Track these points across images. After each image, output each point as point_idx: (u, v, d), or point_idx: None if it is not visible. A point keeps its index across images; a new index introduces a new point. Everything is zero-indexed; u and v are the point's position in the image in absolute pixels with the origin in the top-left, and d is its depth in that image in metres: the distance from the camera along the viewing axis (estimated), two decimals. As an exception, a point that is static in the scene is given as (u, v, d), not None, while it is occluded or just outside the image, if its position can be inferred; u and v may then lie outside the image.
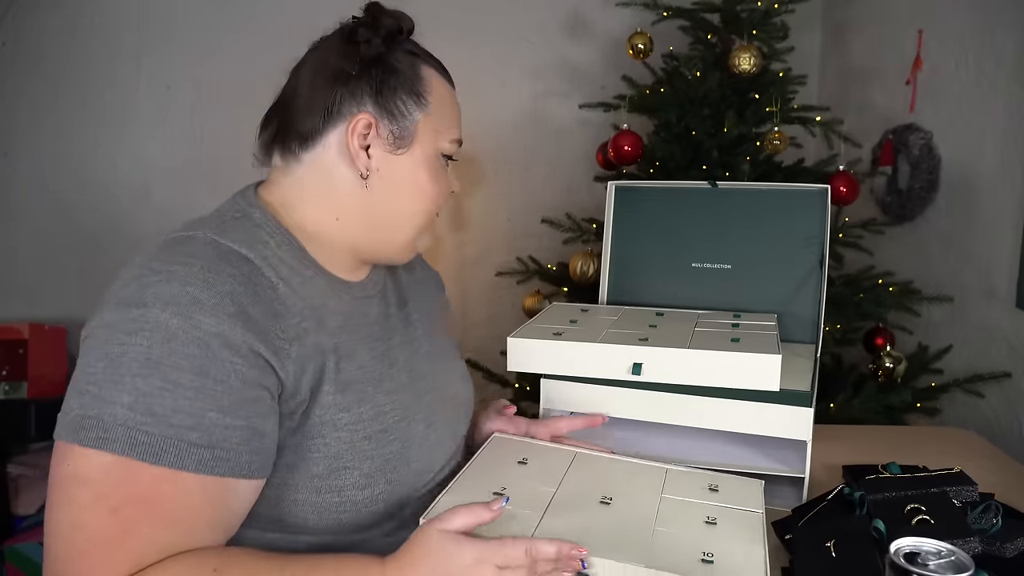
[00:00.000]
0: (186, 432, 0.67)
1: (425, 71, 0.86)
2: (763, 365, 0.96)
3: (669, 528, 0.78)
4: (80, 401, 0.67)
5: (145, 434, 0.65)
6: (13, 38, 2.33)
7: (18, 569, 1.91)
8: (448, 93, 0.89)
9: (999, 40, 1.67)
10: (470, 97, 2.26)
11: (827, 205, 1.19)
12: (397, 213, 0.85)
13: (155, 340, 0.67)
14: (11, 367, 2.12)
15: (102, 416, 0.65)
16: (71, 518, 0.65)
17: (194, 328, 0.68)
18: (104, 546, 0.64)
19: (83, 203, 2.42)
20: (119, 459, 0.65)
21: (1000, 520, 0.85)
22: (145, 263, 0.72)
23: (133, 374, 0.66)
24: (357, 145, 0.81)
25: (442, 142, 0.87)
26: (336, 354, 0.80)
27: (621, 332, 1.07)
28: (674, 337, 1.04)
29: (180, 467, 0.66)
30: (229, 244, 0.76)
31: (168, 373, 0.67)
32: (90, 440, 0.65)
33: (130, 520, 0.65)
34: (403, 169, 0.84)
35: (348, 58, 0.81)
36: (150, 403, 0.66)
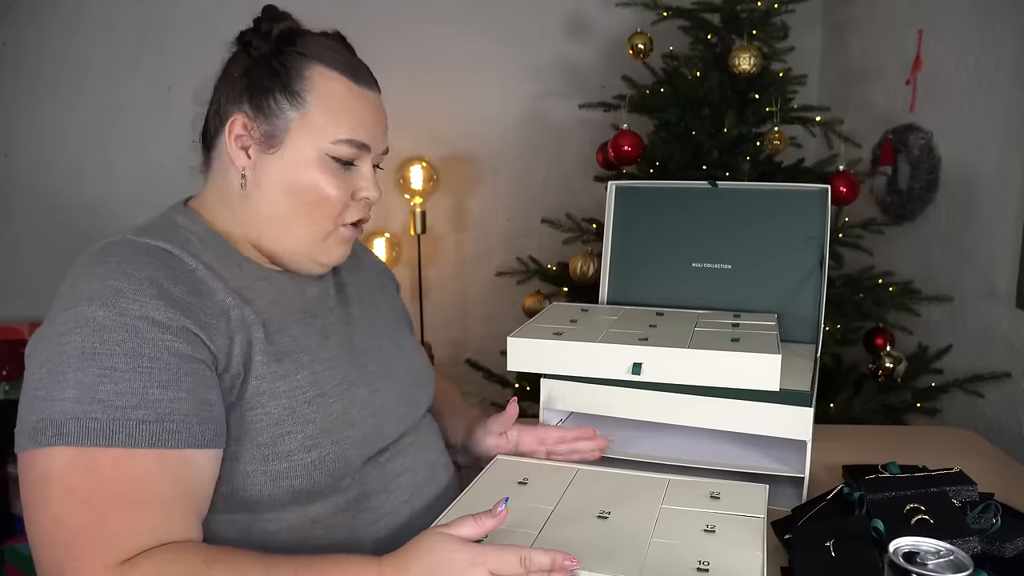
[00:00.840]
0: (132, 411, 0.69)
1: (313, 71, 0.83)
2: (763, 365, 0.96)
3: (666, 539, 0.78)
4: (31, 408, 0.69)
5: (94, 420, 0.68)
6: (13, 38, 2.33)
7: (18, 569, 1.91)
8: (345, 92, 0.84)
9: (999, 40, 1.67)
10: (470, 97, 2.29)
11: (827, 205, 1.19)
12: (277, 215, 0.84)
13: (86, 333, 0.70)
14: (11, 367, 2.12)
15: (52, 415, 0.68)
16: (49, 515, 0.66)
17: (120, 315, 0.71)
18: (85, 537, 0.65)
19: (83, 203, 2.42)
20: (77, 450, 0.67)
21: (1000, 520, 0.85)
22: (72, 274, 0.76)
23: (73, 369, 0.69)
24: (236, 145, 0.83)
25: (323, 142, 0.83)
26: (265, 327, 0.81)
27: (621, 332, 1.07)
28: (674, 337, 1.04)
29: (133, 445, 0.68)
30: (146, 240, 0.79)
31: (104, 360, 0.70)
32: (47, 440, 0.67)
33: (101, 508, 0.66)
34: (276, 169, 0.83)
35: (238, 62, 0.85)
36: (93, 392, 0.68)
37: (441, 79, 2.50)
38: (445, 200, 2.63)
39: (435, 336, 2.57)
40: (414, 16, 2.45)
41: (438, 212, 2.60)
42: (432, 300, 2.63)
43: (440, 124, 2.53)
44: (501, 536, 0.78)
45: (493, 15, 2.52)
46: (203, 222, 0.85)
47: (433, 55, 2.48)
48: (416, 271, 2.51)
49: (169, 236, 0.81)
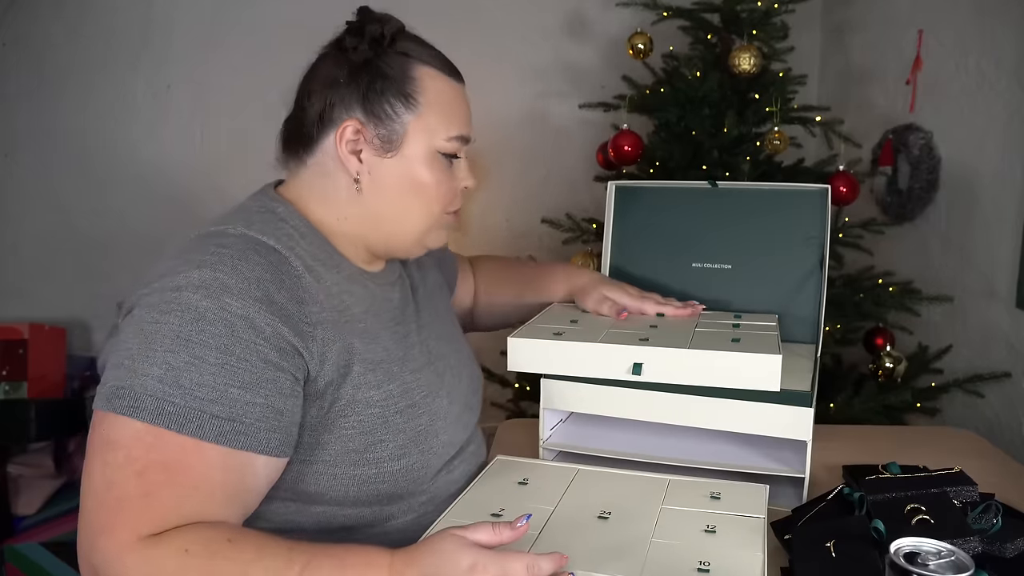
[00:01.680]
0: (208, 404, 0.71)
1: (419, 71, 0.87)
2: (764, 365, 0.95)
3: (666, 539, 0.78)
4: (116, 373, 0.72)
5: (172, 404, 0.70)
6: (13, 38, 2.33)
7: (18, 569, 1.90)
8: (449, 90, 0.89)
9: (999, 40, 1.67)
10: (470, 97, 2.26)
11: (827, 205, 1.19)
12: (394, 213, 0.88)
13: (186, 319, 0.72)
14: (11, 367, 2.12)
15: (134, 387, 0.70)
16: (105, 477, 0.69)
17: (222, 310, 0.73)
18: (129, 504, 0.67)
19: (83, 203, 2.42)
20: (147, 426, 0.69)
21: (1000, 520, 0.85)
22: (183, 254, 0.78)
23: (164, 349, 0.71)
24: (347, 150, 0.85)
25: (437, 140, 0.87)
26: (361, 338, 0.84)
27: (621, 332, 1.06)
28: (674, 337, 1.04)
29: (201, 437, 0.70)
30: (257, 236, 0.80)
31: (195, 350, 0.72)
32: (122, 408, 0.69)
33: (153, 484, 0.68)
34: (394, 171, 0.86)
35: (339, 65, 0.85)
36: (178, 376, 0.71)
37: (441, 79, 2.50)
38: (445, 200, 2.62)
39: (435, 336, 2.57)
40: (414, 16, 2.44)
41: (438, 212, 2.60)
42: (432, 300, 2.63)
43: (440, 124, 2.52)
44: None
45: (493, 15, 2.52)
46: (302, 216, 0.87)
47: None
48: (416, 271, 2.51)
49: (276, 232, 0.82)
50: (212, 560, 0.66)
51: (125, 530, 0.67)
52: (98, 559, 0.67)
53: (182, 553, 0.66)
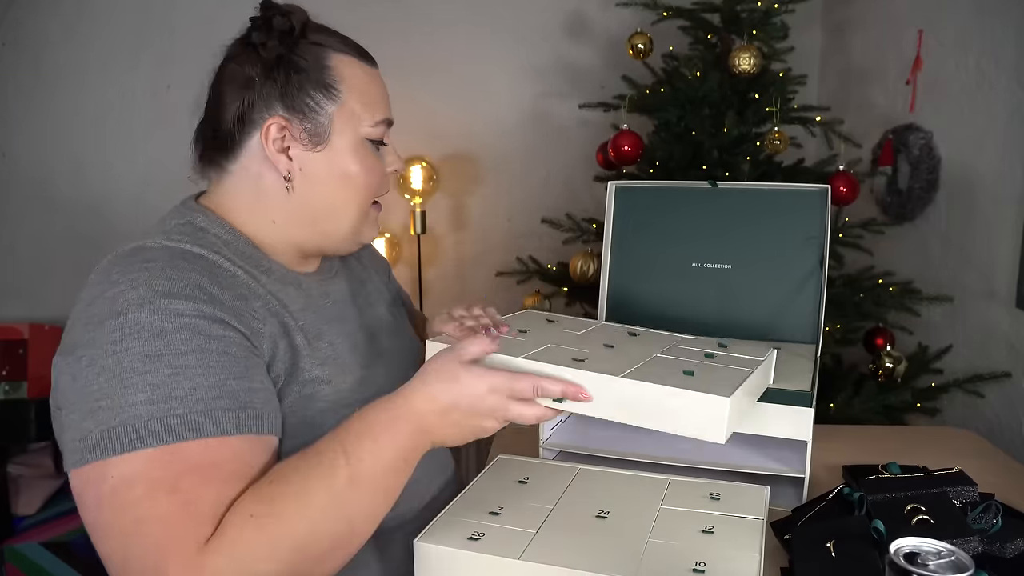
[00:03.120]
0: (214, 401, 0.68)
1: (334, 60, 0.83)
2: (707, 408, 0.73)
3: (663, 539, 0.78)
4: (95, 419, 0.66)
5: (177, 417, 0.66)
6: (13, 38, 2.33)
7: (18, 569, 1.90)
8: (365, 76, 0.86)
9: (999, 40, 1.67)
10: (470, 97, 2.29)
11: (827, 205, 1.19)
12: (330, 207, 0.86)
13: (144, 338, 0.68)
14: (11, 367, 2.12)
15: (126, 421, 0.66)
16: (131, 517, 0.64)
17: (177, 317, 0.70)
18: (175, 524, 0.63)
19: (82, 203, 2.42)
20: (159, 449, 0.65)
21: (1000, 520, 0.85)
22: (103, 278, 0.74)
23: (139, 373, 0.67)
24: (274, 149, 0.82)
25: (363, 127, 0.85)
26: (305, 335, 0.82)
27: (563, 348, 0.86)
28: (617, 363, 0.81)
29: (222, 433, 0.68)
30: (180, 246, 0.78)
31: (171, 360, 0.68)
32: (123, 446, 0.65)
33: (190, 490, 0.65)
34: (325, 164, 0.84)
35: (250, 63, 0.82)
36: (168, 391, 0.67)
37: (441, 79, 2.50)
38: (445, 200, 2.63)
39: (435, 336, 2.57)
40: (414, 16, 2.45)
41: (438, 212, 2.60)
42: (432, 300, 2.63)
43: (440, 124, 2.53)
44: (501, 534, 0.78)
45: (493, 15, 2.52)
46: (226, 223, 0.84)
47: (433, 55, 2.48)
48: (416, 271, 2.51)
49: (198, 240, 0.80)
50: (275, 505, 0.66)
51: (185, 547, 0.63)
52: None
53: (248, 520, 0.65)
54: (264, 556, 0.64)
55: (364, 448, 0.70)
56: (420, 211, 2.39)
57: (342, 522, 0.69)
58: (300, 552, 0.66)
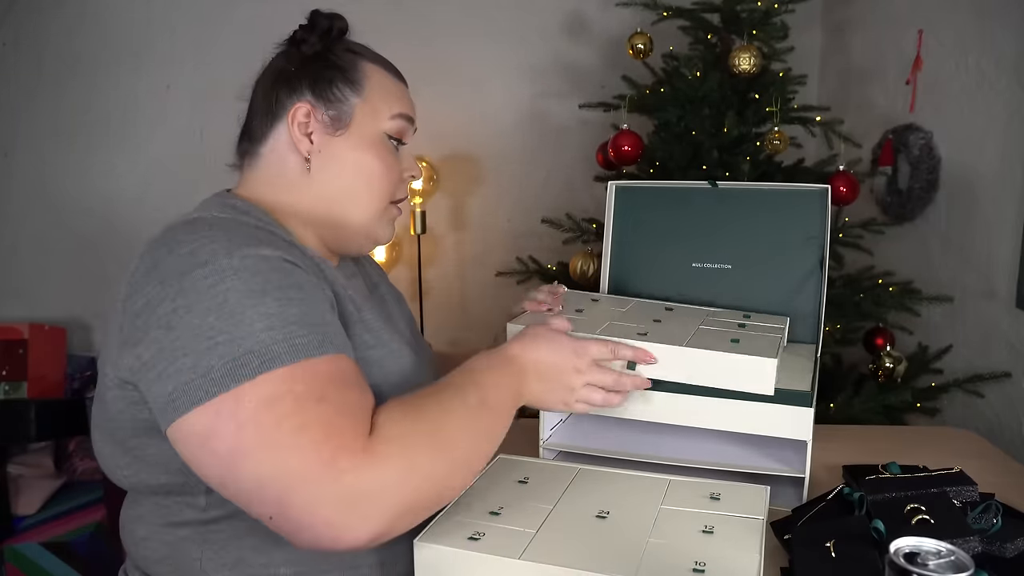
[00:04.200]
0: (325, 327, 0.72)
1: (364, 65, 0.90)
2: (757, 368, 0.95)
3: (663, 539, 0.78)
4: (215, 353, 0.66)
5: (300, 338, 0.69)
6: (13, 38, 2.33)
7: (18, 569, 1.90)
8: (390, 82, 0.93)
9: (999, 40, 1.67)
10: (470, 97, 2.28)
11: (827, 205, 1.19)
12: (344, 194, 0.89)
13: (243, 277, 0.69)
14: (11, 367, 2.13)
15: (251, 348, 0.66)
16: (288, 428, 0.64)
17: (265, 260, 0.72)
18: (335, 424, 0.65)
19: (83, 203, 2.43)
20: (292, 366, 0.67)
21: (1000, 520, 0.85)
22: (161, 246, 0.73)
23: (249, 306, 0.68)
24: (298, 132, 0.87)
25: (382, 122, 0.90)
26: (353, 303, 0.85)
27: (623, 325, 1.06)
28: (675, 334, 1.03)
29: (339, 351, 0.72)
30: (240, 218, 0.82)
31: (276, 294, 0.70)
32: (255, 370, 0.65)
33: (337, 396, 0.67)
34: (344, 149, 0.88)
35: (290, 59, 0.89)
36: (284, 317, 0.69)
37: (441, 79, 2.50)
38: (445, 200, 2.63)
39: (435, 336, 2.57)
40: (413, 17, 2.45)
41: (438, 212, 2.60)
42: (432, 300, 2.63)
43: (440, 124, 2.53)
44: (501, 534, 0.78)
45: (493, 15, 2.52)
46: (261, 210, 0.86)
47: (433, 55, 2.48)
48: (416, 271, 2.51)
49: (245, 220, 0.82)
50: (421, 411, 0.72)
51: (352, 441, 0.64)
52: (334, 471, 0.62)
53: (402, 418, 0.70)
54: (422, 445, 0.69)
55: (489, 380, 0.81)
56: (420, 211, 2.39)
57: (472, 436, 0.75)
58: (445, 451, 0.71)
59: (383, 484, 0.64)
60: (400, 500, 0.66)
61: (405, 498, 0.66)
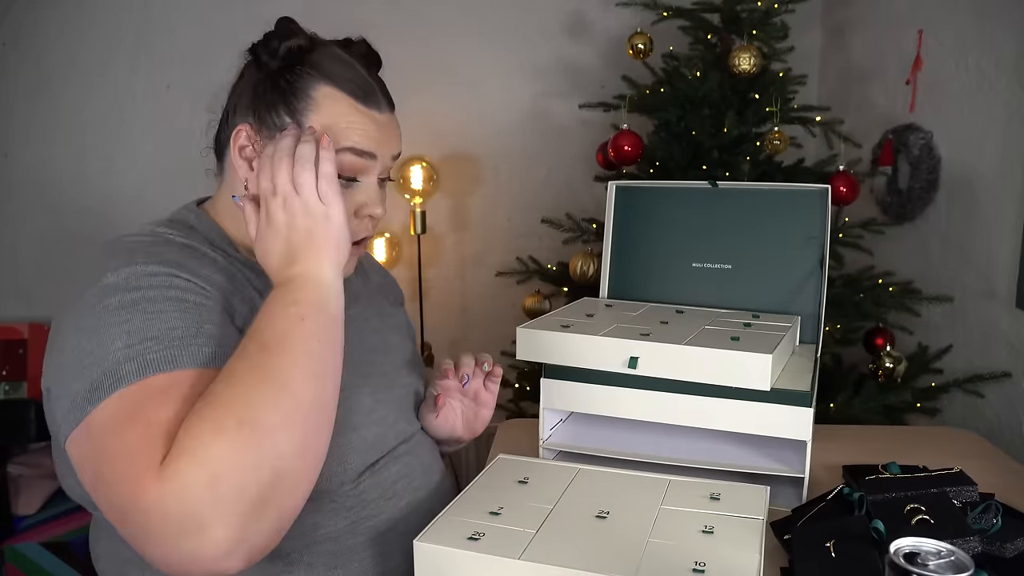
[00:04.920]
0: (191, 340, 0.69)
1: (320, 91, 0.82)
2: (753, 364, 0.95)
3: (663, 539, 0.78)
4: (82, 378, 0.66)
5: (152, 353, 0.66)
6: (13, 38, 2.33)
7: (18, 569, 1.90)
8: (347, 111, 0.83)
9: (999, 40, 1.67)
10: (470, 97, 2.29)
11: (827, 205, 1.19)
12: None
13: (120, 294, 0.69)
14: (11, 367, 2.13)
15: (106, 369, 0.65)
16: (108, 457, 0.62)
17: (151, 276, 0.72)
18: (136, 449, 0.61)
19: (82, 203, 2.43)
20: (138, 384, 0.65)
21: (1000, 520, 0.85)
22: (92, 264, 0.75)
23: (117, 323, 0.67)
24: (238, 156, 0.83)
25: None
26: None
27: (629, 327, 1.07)
28: (677, 333, 1.04)
29: (197, 365, 0.67)
30: (166, 235, 0.81)
31: (148, 307, 0.69)
32: (106, 392, 0.64)
33: (148, 412, 0.63)
34: None
35: (250, 72, 0.86)
36: (144, 333, 0.67)
37: (441, 79, 2.50)
38: (445, 200, 2.62)
39: (435, 336, 2.57)
40: (414, 16, 2.45)
41: (438, 212, 2.60)
42: (432, 300, 2.63)
43: (440, 124, 2.53)
44: (501, 534, 0.78)
45: (493, 15, 2.52)
46: (217, 226, 0.86)
47: (433, 55, 2.48)
48: (416, 271, 2.51)
49: (184, 234, 0.82)
50: (208, 395, 0.64)
51: (147, 469, 0.59)
52: (142, 505, 0.58)
53: (191, 417, 0.62)
54: (215, 438, 0.60)
55: (260, 318, 0.70)
56: (420, 211, 2.39)
57: (272, 385, 0.64)
58: (247, 425, 0.61)
59: (193, 501, 0.58)
60: (226, 505, 0.59)
61: (231, 499, 0.59)
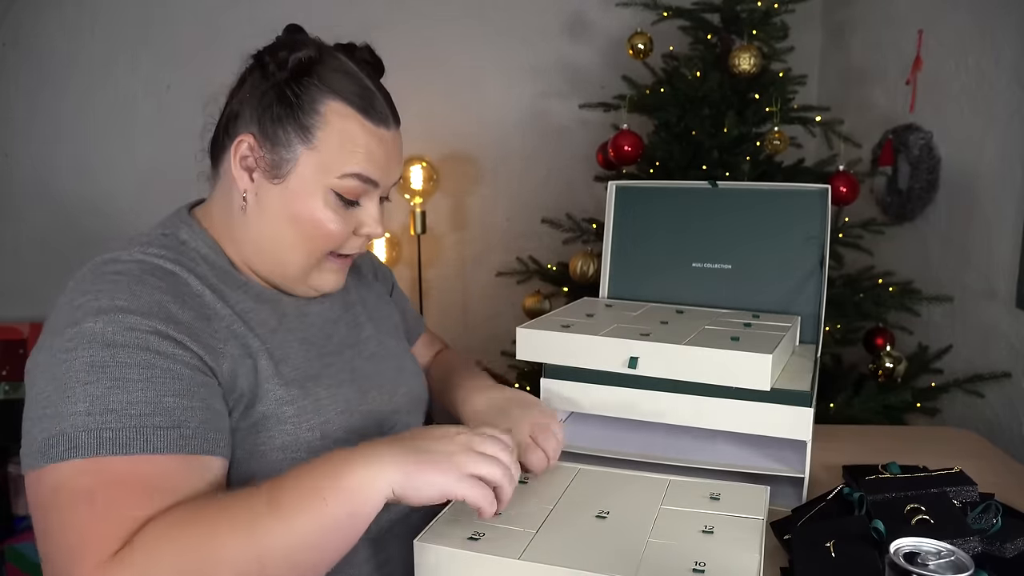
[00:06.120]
0: (148, 418, 0.68)
1: (328, 106, 0.81)
2: (753, 364, 0.95)
3: (663, 539, 0.78)
4: (40, 426, 0.68)
5: (109, 431, 0.66)
6: (13, 38, 2.33)
7: (18, 569, 1.91)
8: (357, 130, 0.82)
9: (999, 40, 1.67)
10: (471, 97, 2.29)
11: (827, 205, 1.19)
12: (272, 242, 0.84)
13: (95, 348, 0.69)
14: (11, 367, 2.13)
15: (64, 430, 0.66)
16: (55, 522, 0.65)
17: (129, 331, 0.71)
18: (87, 534, 0.63)
19: (83, 203, 2.42)
20: (90, 460, 0.66)
21: (1000, 520, 0.85)
22: (75, 287, 0.75)
23: (82, 383, 0.68)
24: (239, 166, 0.82)
25: (330, 178, 0.82)
26: (271, 356, 0.81)
27: (629, 327, 1.07)
28: (677, 333, 1.04)
29: (152, 451, 0.67)
30: (154, 260, 0.79)
31: (114, 372, 0.69)
32: (59, 454, 0.66)
33: (108, 501, 0.65)
34: (277, 199, 0.82)
35: (253, 79, 0.84)
36: (105, 403, 0.67)
37: (441, 79, 2.50)
38: (445, 200, 2.63)
39: (435, 336, 2.57)
40: (414, 16, 2.45)
41: (438, 212, 2.60)
42: (432, 300, 2.63)
43: (440, 124, 2.53)
44: (502, 534, 0.78)
45: (493, 15, 2.52)
46: (209, 237, 0.85)
47: (433, 55, 2.48)
48: (416, 271, 2.51)
49: (175, 255, 0.80)
50: (187, 525, 0.64)
51: (94, 558, 0.62)
52: None
53: (159, 535, 0.63)
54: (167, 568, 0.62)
55: (289, 475, 0.68)
56: (420, 211, 2.39)
57: (252, 549, 0.64)
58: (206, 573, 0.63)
59: None
60: None
61: None
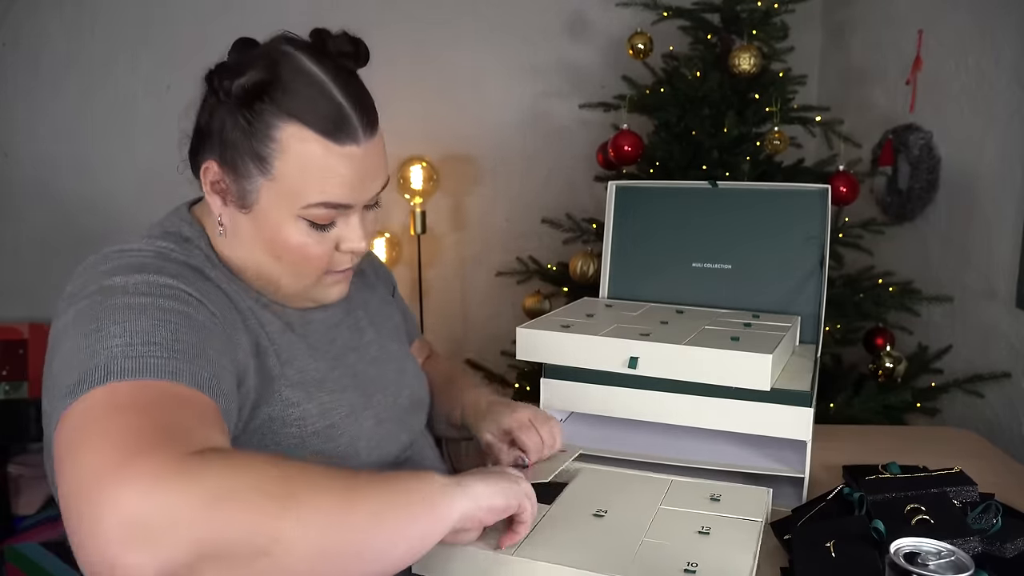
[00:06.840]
0: (194, 359, 0.63)
1: (285, 131, 0.74)
2: (753, 364, 0.95)
3: (657, 539, 0.78)
4: (74, 372, 0.60)
5: (154, 358, 0.61)
6: (13, 38, 2.33)
7: (18, 569, 1.90)
8: (318, 154, 0.75)
9: (999, 40, 1.67)
10: (471, 97, 2.29)
11: (827, 205, 1.19)
12: (261, 267, 0.81)
13: (130, 294, 0.66)
14: (11, 367, 2.12)
15: (99, 363, 0.60)
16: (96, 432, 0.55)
17: (163, 287, 0.68)
18: (146, 434, 0.54)
19: (83, 203, 2.42)
20: (133, 382, 0.59)
21: (1000, 520, 0.85)
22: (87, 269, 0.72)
23: (120, 321, 0.63)
24: (211, 190, 0.79)
25: (295, 208, 0.76)
26: (278, 358, 0.80)
27: (628, 327, 1.07)
28: (677, 333, 1.04)
29: (196, 386, 0.62)
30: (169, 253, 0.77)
31: (157, 314, 0.65)
32: (99, 381, 0.58)
33: (163, 412, 0.58)
34: (250, 227, 0.79)
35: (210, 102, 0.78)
36: (149, 336, 0.62)
37: (441, 79, 2.50)
38: (445, 200, 2.62)
39: (435, 336, 2.57)
40: (414, 16, 2.45)
41: (438, 212, 2.60)
42: (432, 300, 2.63)
43: (440, 124, 2.53)
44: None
45: (493, 15, 2.52)
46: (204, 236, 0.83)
47: (433, 55, 2.48)
48: (416, 271, 2.51)
49: (185, 251, 0.79)
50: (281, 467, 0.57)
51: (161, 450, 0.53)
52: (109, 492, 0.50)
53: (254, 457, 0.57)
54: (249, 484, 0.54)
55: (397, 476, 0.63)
56: (420, 211, 2.39)
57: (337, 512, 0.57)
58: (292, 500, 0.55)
59: (177, 508, 0.50)
60: (199, 535, 0.50)
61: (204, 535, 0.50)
